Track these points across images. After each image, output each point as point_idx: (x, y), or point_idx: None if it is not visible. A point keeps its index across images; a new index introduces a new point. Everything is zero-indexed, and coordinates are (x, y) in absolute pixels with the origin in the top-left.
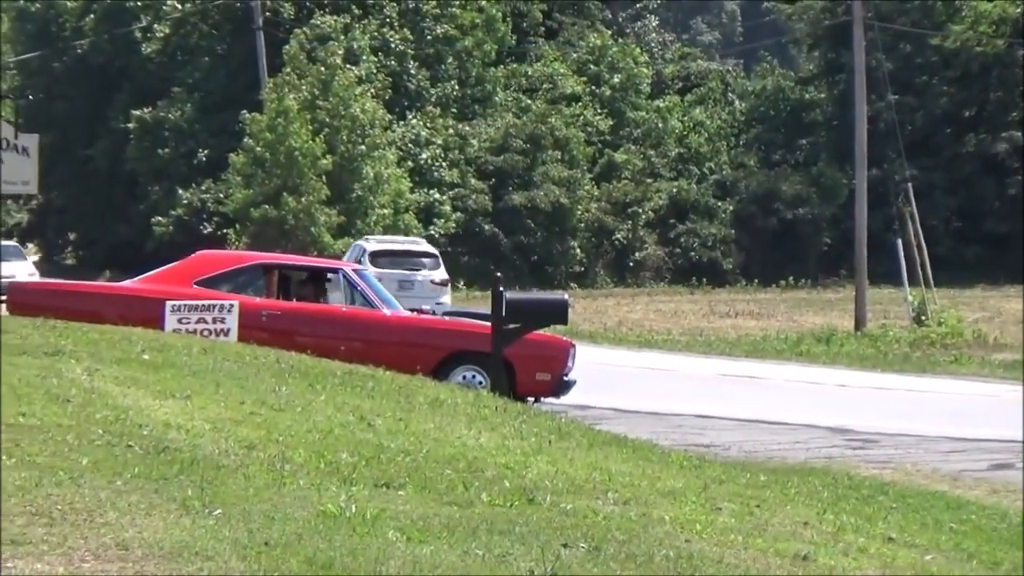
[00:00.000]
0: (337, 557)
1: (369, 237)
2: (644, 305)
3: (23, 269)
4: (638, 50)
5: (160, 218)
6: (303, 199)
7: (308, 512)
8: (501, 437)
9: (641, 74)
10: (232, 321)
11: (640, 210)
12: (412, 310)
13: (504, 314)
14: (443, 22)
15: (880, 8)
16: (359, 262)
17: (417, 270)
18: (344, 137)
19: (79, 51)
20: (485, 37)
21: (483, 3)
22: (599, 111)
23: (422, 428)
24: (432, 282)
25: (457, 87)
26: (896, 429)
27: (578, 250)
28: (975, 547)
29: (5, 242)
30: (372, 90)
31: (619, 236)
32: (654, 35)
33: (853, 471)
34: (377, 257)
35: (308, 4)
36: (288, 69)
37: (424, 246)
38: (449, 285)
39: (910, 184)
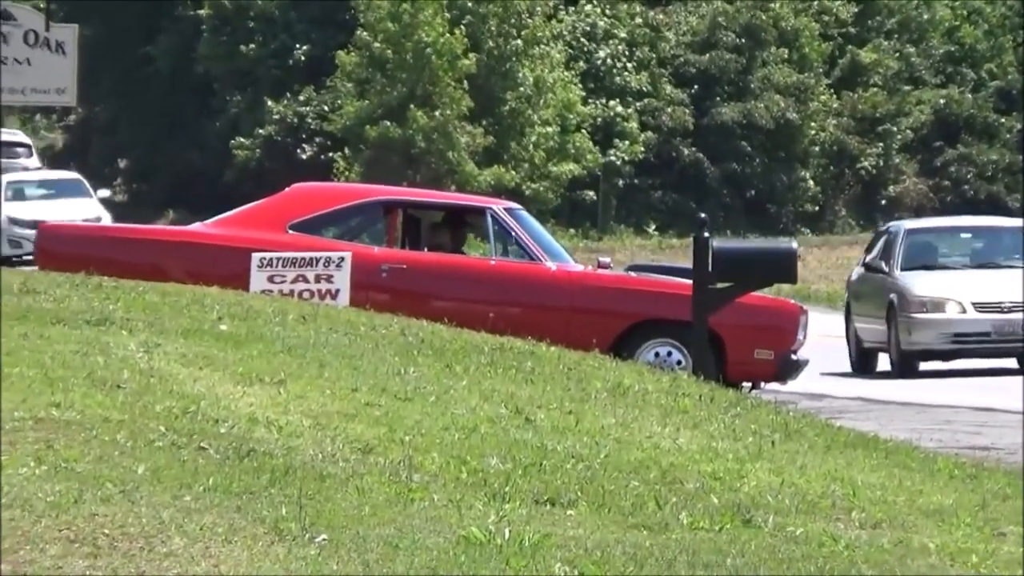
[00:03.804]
0: None
1: None
2: None
3: (83, 210)
4: None
5: (242, 139)
6: (437, 113)
7: (445, 538)
8: (707, 437)
9: None
10: (342, 279)
11: (895, 128)
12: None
13: (711, 269)
14: None
15: None
16: None
17: (13, 159)
18: (493, 29)
19: None
20: None
21: None
22: None
23: (599, 424)
24: (25, 169)
25: None
26: None
27: (811, 182)
28: None
29: (58, 173)
30: None
31: (866, 163)
32: None
33: None
34: None
35: None
36: None
37: (20, 137)
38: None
39: None
